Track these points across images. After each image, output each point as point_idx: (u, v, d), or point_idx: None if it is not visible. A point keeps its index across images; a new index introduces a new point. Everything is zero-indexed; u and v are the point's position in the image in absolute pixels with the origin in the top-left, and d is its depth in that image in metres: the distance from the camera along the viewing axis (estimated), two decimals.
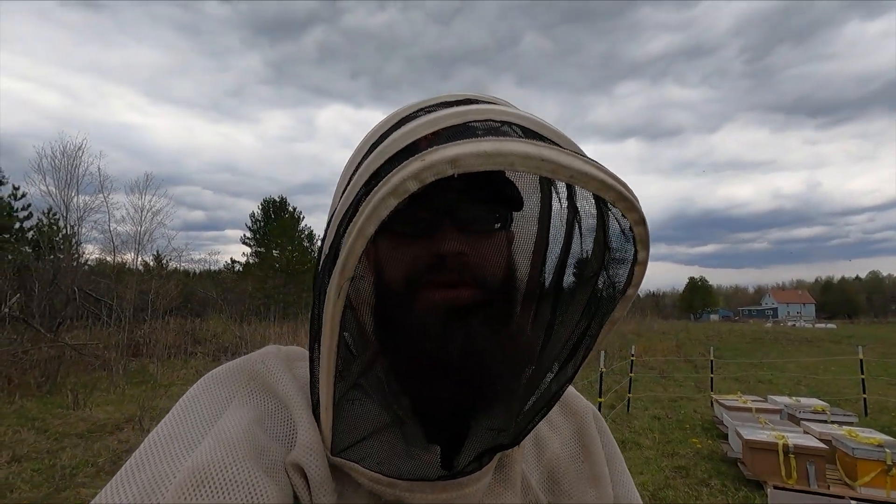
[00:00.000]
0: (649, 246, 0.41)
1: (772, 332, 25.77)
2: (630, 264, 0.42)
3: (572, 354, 0.47)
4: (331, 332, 0.38)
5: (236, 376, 0.49)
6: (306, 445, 0.42)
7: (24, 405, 6.84)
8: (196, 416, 0.44)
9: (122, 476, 0.38)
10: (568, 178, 0.35)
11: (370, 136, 0.47)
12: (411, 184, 0.33)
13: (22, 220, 25.45)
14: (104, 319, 12.63)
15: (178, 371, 10.21)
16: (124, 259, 18.94)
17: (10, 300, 9.93)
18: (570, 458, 0.58)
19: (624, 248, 0.42)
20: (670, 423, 6.68)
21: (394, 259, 0.44)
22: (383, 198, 0.33)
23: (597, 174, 0.36)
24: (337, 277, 0.36)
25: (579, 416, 0.62)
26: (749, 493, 4.10)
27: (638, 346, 10.32)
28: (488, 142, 0.33)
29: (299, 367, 0.51)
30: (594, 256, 0.46)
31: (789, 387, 9.92)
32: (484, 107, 0.40)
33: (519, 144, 0.34)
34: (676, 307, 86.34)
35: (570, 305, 0.48)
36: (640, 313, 33.36)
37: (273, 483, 0.39)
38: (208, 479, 0.36)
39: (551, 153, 0.34)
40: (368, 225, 0.34)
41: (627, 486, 0.62)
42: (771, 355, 15.71)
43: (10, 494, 3.91)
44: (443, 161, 0.33)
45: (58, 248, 18.06)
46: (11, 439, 5.29)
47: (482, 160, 0.33)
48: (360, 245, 0.34)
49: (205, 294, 19.36)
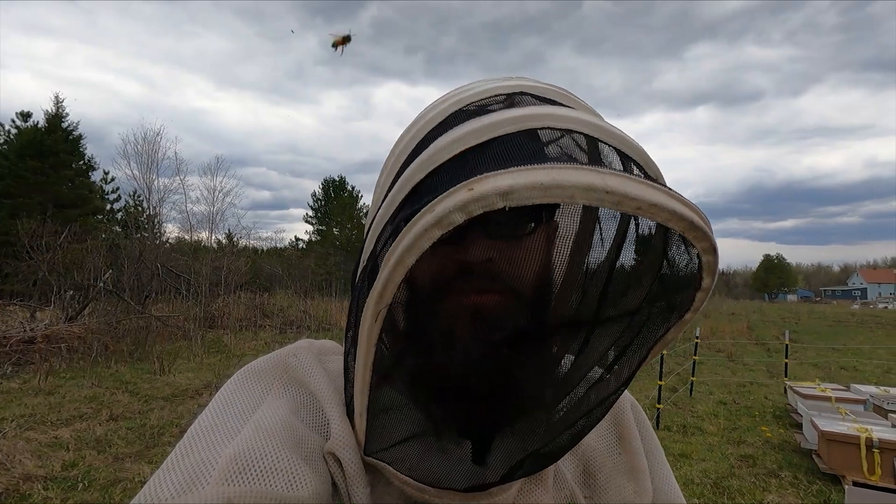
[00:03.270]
0: (716, 273, 0.37)
1: (859, 315, 23.67)
2: (692, 291, 0.39)
3: (620, 375, 0.44)
4: (366, 350, 0.38)
5: (271, 370, 0.50)
6: (340, 439, 0.43)
7: (119, 370, 7.62)
8: (235, 407, 0.45)
9: (167, 465, 0.39)
10: (634, 210, 0.31)
11: (417, 130, 0.44)
12: (457, 216, 0.30)
13: (112, 202, 27.97)
14: (183, 293, 13.70)
15: (249, 342, 10.93)
16: (200, 237, 20.40)
17: (104, 275, 11.00)
18: (607, 450, 0.56)
19: (688, 275, 0.39)
20: (737, 410, 6.35)
21: (421, 266, 0.42)
22: (426, 228, 0.31)
23: (667, 204, 0.32)
24: (373, 304, 0.35)
25: (617, 407, 0.59)
26: (824, 487, 3.84)
27: (704, 327, 9.84)
28: (544, 171, 0.30)
29: (331, 361, 0.52)
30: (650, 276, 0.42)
31: (877, 375, 9.10)
32: (539, 111, 0.37)
33: (579, 174, 0.30)
34: (749, 286, 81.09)
35: (620, 327, 0.44)
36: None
37: (312, 471, 0.39)
38: (249, 466, 0.37)
39: (616, 182, 0.31)
40: (408, 256, 0.32)
41: (668, 479, 0.59)
42: (857, 340, 14.47)
43: (109, 449, 4.41)
44: (494, 193, 0.30)
45: (143, 228, 19.72)
46: (109, 400, 5.93)
47: (538, 193, 0.30)
48: (400, 274, 0.33)
49: (271, 270, 20.46)
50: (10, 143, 23.71)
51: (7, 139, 24.06)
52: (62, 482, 3.69)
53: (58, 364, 7.52)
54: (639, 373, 0.45)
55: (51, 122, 24.39)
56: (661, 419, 5.51)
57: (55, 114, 24.75)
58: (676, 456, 4.55)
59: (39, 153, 22.60)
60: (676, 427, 5.46)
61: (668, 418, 5.74)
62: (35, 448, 4.27)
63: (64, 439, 4.54)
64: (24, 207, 18.18)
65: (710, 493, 3.80)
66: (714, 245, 0.36)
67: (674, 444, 4.87)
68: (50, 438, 4.55)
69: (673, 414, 6.01)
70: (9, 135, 24.14)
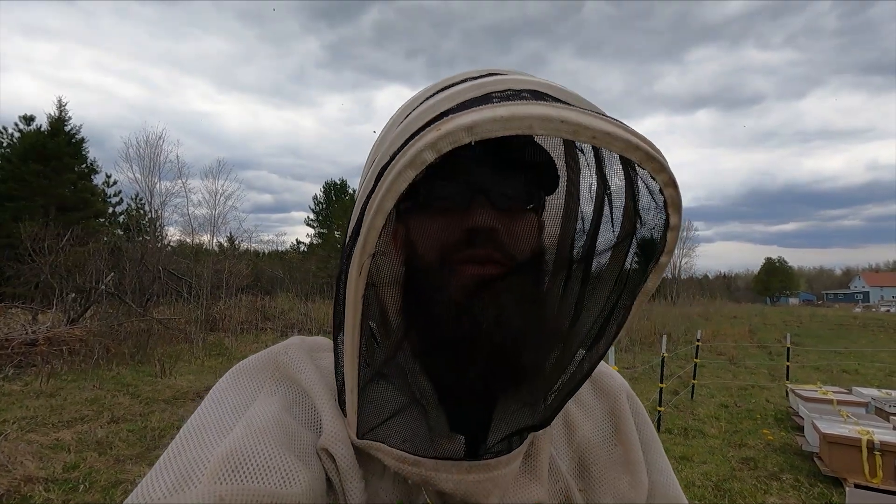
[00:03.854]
0: (681, 209, 0.39)
1: (861, 318, 23.61)
2: (662, 230, 0.40)
3: (604, 329, 0.46)
4: (354, 310, 0.38)
5: (263, 368, 0.50)
6: (332, 434, 0.43)
7: (120, 372, 7.63)
8: (227, 406, 0.45)
9: (159, 465, 0.39)
10: (590, 139, 0.33)
11: (396, 115, 0.47)
12: (428, 154, 0.32)
13: (114, 206, 28.02)
14: (185, 296, 13.72)
15: (251, 345, 10.93)
16: (201, 240, 20.43)
17: (106, 278, 11.02)
18: (602, 441, 0.55)
19: (655, 213, 0.41)
20: (739, 413, 6.34)
21: (426, 234, 0.43)
22: (401, 171, 0.33)
23: (621, 134, 0.34)
24: (358, 255, 0.35)
25: (612, 397, 0.58)
26: (825, 490, 3.82)
27: (706, 330, 9.82)
28: (505, 107, 0.32)
29: (323, 358, 0.52)
30: (625, 224, 0.44)
31: (879, 378, 9.07)
32: (503, 77, 0.40)
33: (537, 107, 0.33)
34: (750, 290, 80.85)
35: (601, 277, 0.46)
36: (709, 296, 31.54)
37: (305, 467, 0.39)
38: (241, 464, 0.37)
39: (571, 114, 0.33)
40: (387, 199, 0.33)
41: (665, 471, 0.58)
42: (859, 343, 14.44)
43: (110, 451, 4.41)
44: (459, 129, 0.32)
45: (144, 231, 19.77)
46: (110, 402, 5.94)
47: (499, 125, 0.32)
48: (380, 220, 0.34)
49: (273, 273, 20.48)
50: (12, 147, 23.80)
51: (10, 142, 24.16)
52: (63, 484, 3.69)
53: (59, 366, 7.52)
54: (640, 376, 0.46)
55: (53, 125, 24.49)
56: (662, 422, 5.49)
57: (58, 117, 24.86)
58: (678, 458, 4.54)
59: (42, 156, 22.67)
60: (678, 430, 5.45)
61: (670, 421, 5.73)
62: (36, 450, 4.27)
63: (65, 441, 4.54)
64: (27, 210, 18.23)
65: (712, 496, 3.79)
66: (673, 178, 0.37)
67: (675, 447, 4.86)
68: (51, 440, 4.56)
69: (674, 417, 6.00)
70: (12, 138, 24.24)
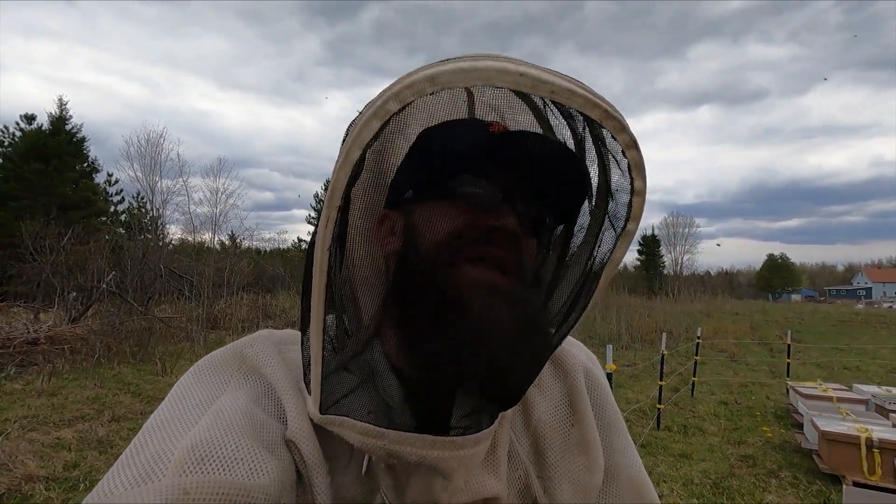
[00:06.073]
0: (645, 172, 0.39)
1: (863, 315, 23.52)
2: (628, 195, 0.40)
3: (574, 302, 0.45)
4: (320, 265, 0.37)
5: (228, 362, 0.49)
6: (296, 429, 0.42)
7: (121, 371, 7.65)
8: (191, 400, 0.43)
9: (121, 461, 0.38)
10: (549, 94, 0.34)
11: None
12: (392, 104, 0.33)
13: (116, 204, 28.08)
14: (186, 295, 13.75)
15: None
16: (203, 239, 20.48)
17: (108, 277, 11.05)
18: (559, 423, 0.52)
19: (619, 179, 0.41)
20: (739, 410, 6.33)
21: (438, 221, 0.42)
22: (367, 120, 0.34)
23: (580, 91, 0.35)
24: (325, 208, 0.36)
25: (570, 375, 0.55)
26: (824, 488, 3.82)
27: (707, 327, 9.81)
28: (466, 61, 0.34)
29: (291, 350, 0.51)
30: (597, 200, 0.45)
31: (880, 375, 9.05)
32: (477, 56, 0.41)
33: (497, 62, 0.34)
34: (752, 286, 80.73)
35: (576, 257, 0.46)
36: (710, 292, 31.49)
37: (273, 458, 0.39)
38: (207, 456, 0.36)
39: (530, 69, 0.34)
40: (353, 149, 0.34)
41: (627, 452, 0.55)
42: (861, 340, 14.40)
43: (111, 450, 4.43)
44: (421, 80, 0.33)
45: (146, 229, 19.81)
46: (112, 401, 5.96)
47: (459, 76, 0.33)
48: (347, 170, 0.35)
49: (274, 271, 20.51)
50: (14, 146, 23.84)
51: (11, 141, 24.21)
52: (64, 483, 3.71)
53: (61, 365, 7.55)
54: (641, 373, 0.46)
55: (54, 124, 24.53)
56: (661, 419, 5.50)
57: (59, 116, 24.90)
58: (676, 456, 4.54)
59: (43, 155, 22.71)
60: (677, 427, 5.45)
61: (669, 418, 5.73)
62: (37, 449, 4.29)
63: (66, 440, 4.56)
64: (28, 209, 18.27)
65: (710, 494, 3.79)
66: (634, 140, 0.37)
67: (674, 444, 4.86)
68: (52, 439, 4.58)
69: (674, 414, 6.00)
70: (13, 137, 24.29)
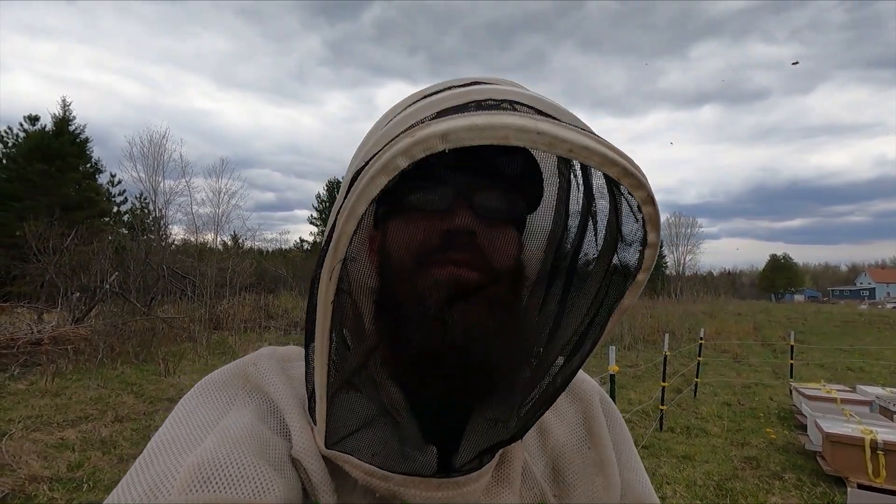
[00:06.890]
0: (660, 227, 0.39)
1: (867, 315, 23.44)
2: (640, 247, 0.40)
3: (579, 345, 0.45)
4: (323, 316, 0.37)
5: (232, 381, 0.49)
6: (301, 448, 0.42)
7: (124, 371, 7.67)
8: (196, 419, 0.44)
9: (127, 479, 0.38)
10: (567, 153, 0.33)
11: (380, 120, 0.47)
12: (401, 160, 0.32)
13: (118, 205, 28.18)
14: (189, 295, 13.78)
15: (254, 343, 10.95)
16: (205, 239, 20.53)
17: (111, 277, 11.08)
18: (576, 445, 0.55)
19: (633, 230, 0.40)
20: (742, 411, 6.31)
21: (402, 237, 0.44)
22: (373, 176, 0.33)
23: (598, 148, 0.33)
24: (329, 260, 0.35)
25: (585, 401, 0.59)
26: (828, 490, 3.81)
27: (710, 328, 9.78)
28: (481, 115, 0.32)
29: (294, 367, 0.51)
30: (606, 241, 0.44)
31: (884, 376, 9.01)
32: (486, 87, 0.39)
33: (513, 118, 0.32)
34: (755, 287, 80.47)
35: (578, 292, 0.46)
36: (713, 293, 31.40)
37: (280, 477, 0.39)
38: (213, 474, 0.36)
39: (548, 126, 0.32)
40: (359, 204, 0.33)
41: (636, 469, 0.59)
42: (864, 340, 14.34)
43: (114, 450, 4.44)
44: (433, 136, 0.31)
45: (149, 230, 19.87)
46: (115, 401, 5.97)
47: (474, 134, 0.31)
48: (352, 225, 0.34)
49: (276, 272, 20.54)
50: (17, 146, 23.95)
51: (15, 142, 24.30)
52: (67, 483, 3.72)
53: (64, 366, 7.57)
54: (643, 374, 0.46)
55: (58, 125, 24.64)
56: (664, 420, 5.48)
57: (62, 117, 25.00)
58: (679, 458, 4.53)
59: (47, 156, 22.81)
60: (680, 428, 5.44)
61: (672, 420, 5.71)
62: (41, 449, 4.31)
63: (70, 440, 4.58)
64: (32, 210, 18.33)
65: (713, 496, 3.78)
66: (651, 195, 0.37)
67: (677, 446, 4.85)
68: (56, 439, 4.59)
69: (677, 415, 5.99)
70: (16, 138, 24.38)
